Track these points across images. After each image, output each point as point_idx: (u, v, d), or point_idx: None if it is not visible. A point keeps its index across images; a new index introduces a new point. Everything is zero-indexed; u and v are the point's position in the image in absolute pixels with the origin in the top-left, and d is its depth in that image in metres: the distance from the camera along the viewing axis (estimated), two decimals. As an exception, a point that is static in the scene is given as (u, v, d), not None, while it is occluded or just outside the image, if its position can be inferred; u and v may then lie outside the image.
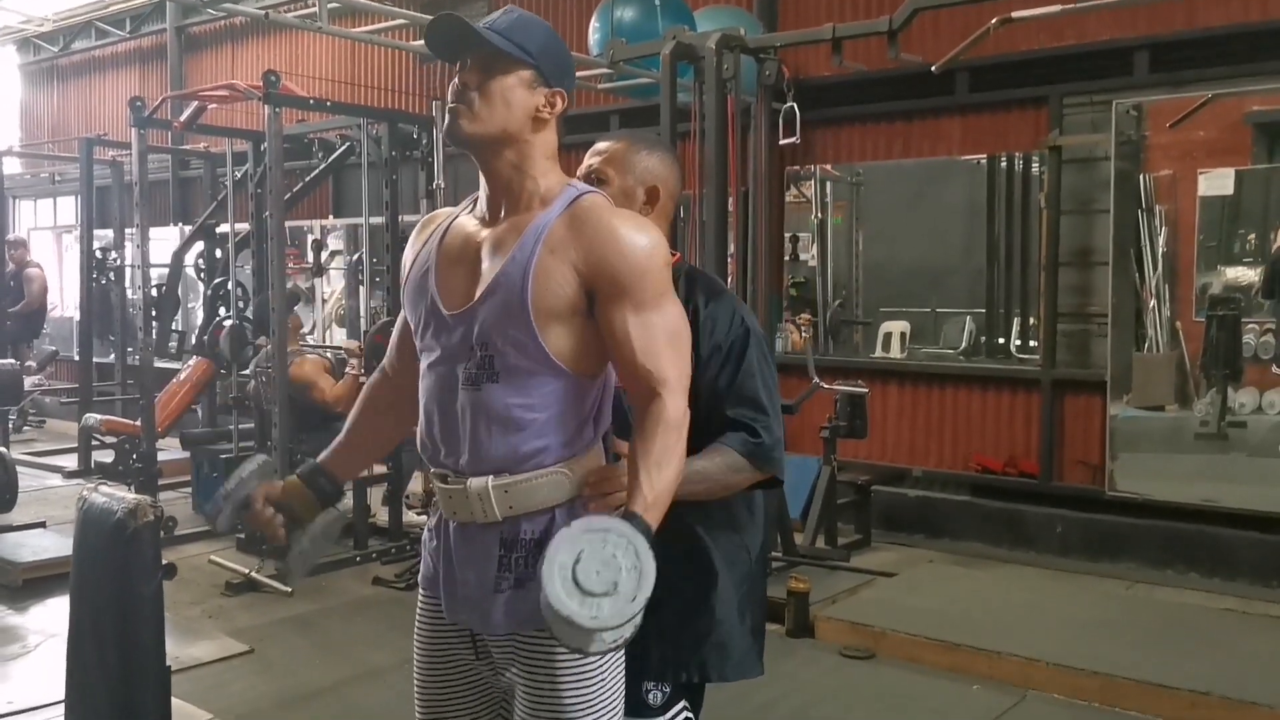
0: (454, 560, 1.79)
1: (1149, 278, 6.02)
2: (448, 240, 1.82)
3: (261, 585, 5.25)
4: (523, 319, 1.67)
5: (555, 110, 1.76)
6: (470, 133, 1.72)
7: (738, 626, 2.09)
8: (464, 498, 1.73)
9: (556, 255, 1.67)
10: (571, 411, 1.72)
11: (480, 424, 1.71)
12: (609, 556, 1.47)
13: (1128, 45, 5.77)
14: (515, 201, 1.74)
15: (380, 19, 7.06)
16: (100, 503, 2.25)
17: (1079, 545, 5.83)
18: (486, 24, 1.73)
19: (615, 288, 1.67)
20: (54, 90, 12.90)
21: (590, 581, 1.46)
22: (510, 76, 1.71)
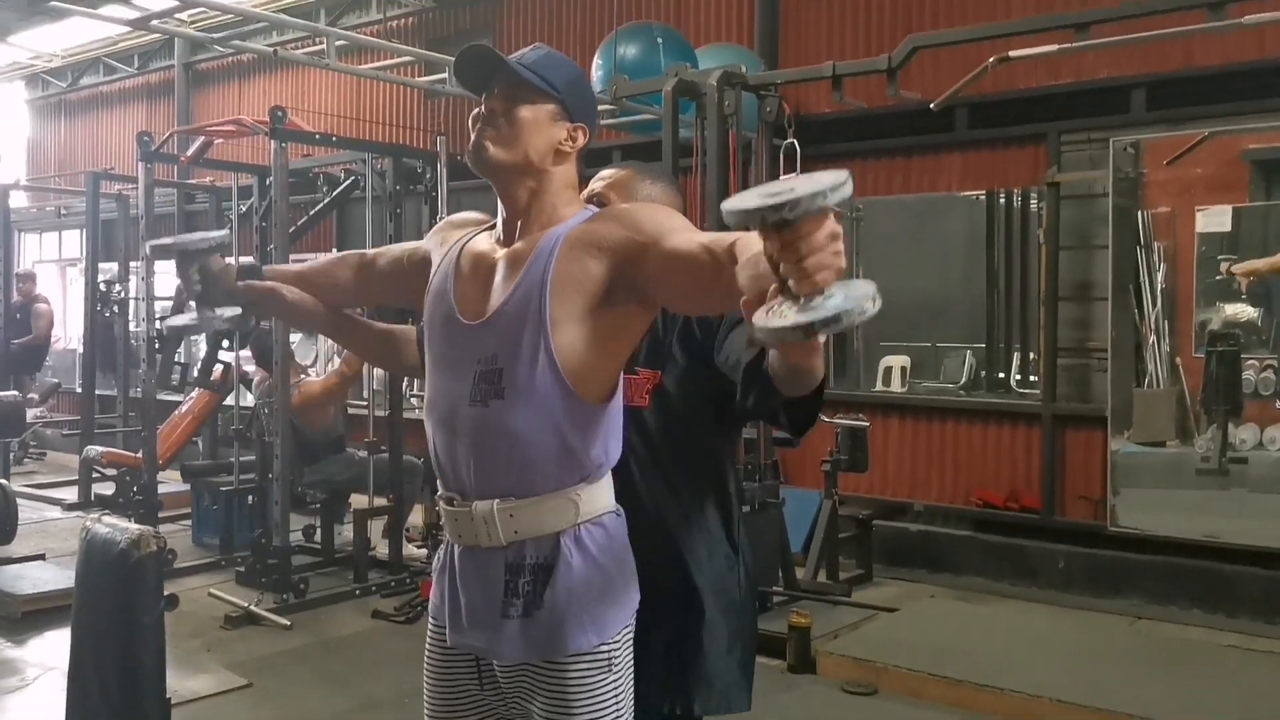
0: (458, 584, 1.79)
1: (1148, 313, 6.05)
2: (463, 257, 1.84)
3: (260, 619, 5.23)
4: (537, 328, 1.67)
5: (577, 145, 1.79)
6: (494, 159, 1.74)
7: (724, 658, 2.06)
8: (469, 520, 1.73)
9: (578, 248, 1.69)
10: (579, 436, 1.71)
11: (487, 444, 1.71)
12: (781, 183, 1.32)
13: (1125, 84, 5.84)
14: (531, 225, 1.77)
15: (386, 56, 7.16)
16: (103, 533, 2.26)
17: (1082, 580, 5.81)
18: (515, 58, 1.77)
19: (653, 236, 1.64)
20: (61, 125, 13.02)
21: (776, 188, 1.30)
22: (535, 108, 1.74)
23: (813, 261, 1.27)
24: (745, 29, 7.30)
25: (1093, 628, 5.25)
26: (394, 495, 6.08)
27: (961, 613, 5.44)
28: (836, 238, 1.29)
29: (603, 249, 1.67)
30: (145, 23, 5.59)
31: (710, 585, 2.05)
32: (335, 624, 5.31)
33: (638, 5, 7.66)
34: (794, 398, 1.63)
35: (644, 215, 1.71)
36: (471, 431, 1.72)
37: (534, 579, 1.71)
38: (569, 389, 1.68)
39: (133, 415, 9.12)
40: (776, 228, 1.28)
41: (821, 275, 1.28)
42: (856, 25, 6.87)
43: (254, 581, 5.63)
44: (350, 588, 5.75)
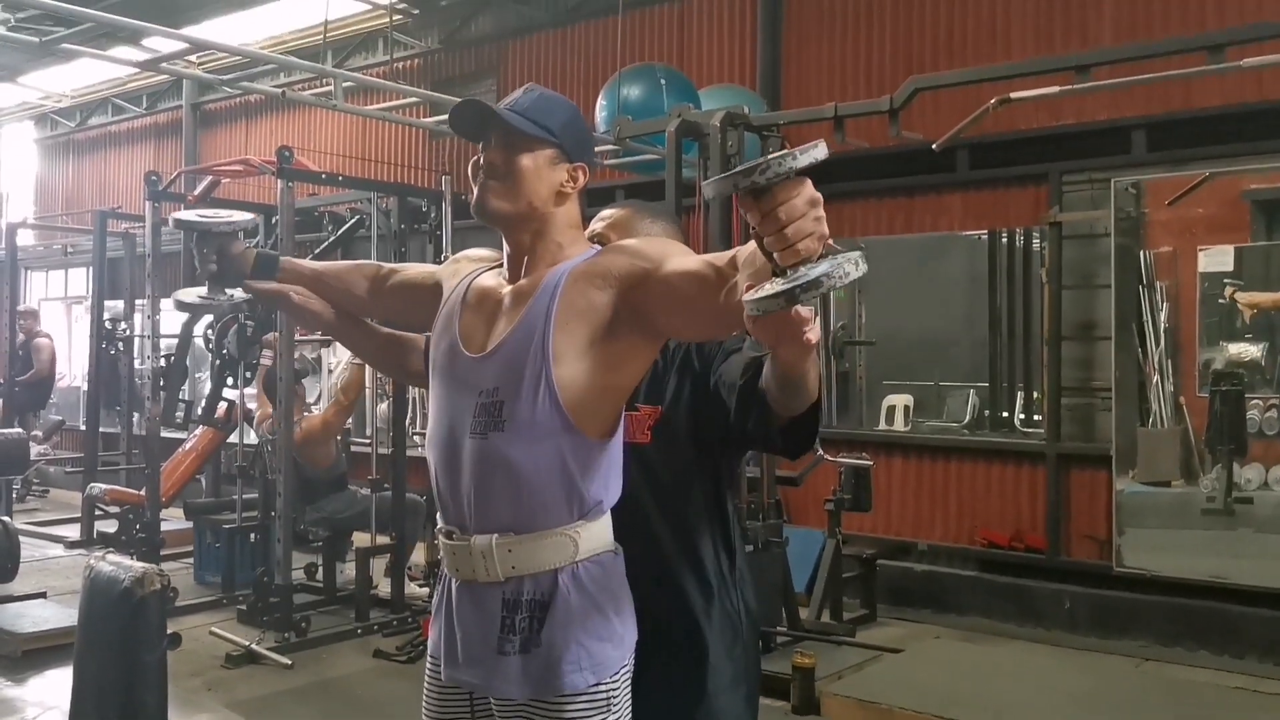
0: (455, 619, 1.79)
1: (1151, 352, 6.05)
2: (471, 292, 1.86)
3: (262, 657, 5.19)
4: (540, 361, 1.68)
5: (578, 185, 1.81)
6: (497, 209, 1.77)
7: (729, 695, 2.04)
8: (467, 554, 1.74)
9: (583, 280, 1.71)
10: (579, 473, 1.72)
11: (486, 478, 1.72)
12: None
13: (1126, 125, 5.88)
14: (538, 261, 1.79)
15: (392, 96, 7.23)
16: (107, 571, 2.25)
17: (1087, 621, 5.77)
18: (509, 104, 1.78)
19: (657, 262, 1.67)
20: (69, 164, 13.13)
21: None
22: (534, 155, 1.76)
23: (793, 229, 1.29)
24: (747, 70, 7.38)
25: (1099, 669, 5.20)
26: (396, 533, 6.06)
27: (967, 654, 5.40)
28: (816, 204, 1.30)
29: (607, 278, 1.69)
30: (155, 64, 5.67)
31: (714, 624, 2.04)
32: (337, 663, 5.28)
33: (641, 47, 7.75)
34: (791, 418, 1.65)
35: (647, 244, 1.75)
36: (471, 463, 1.73)
37: (531, 616, 1.71)
38: (570, 423, 1.69)
39: (136, 453, 9.11)
40: (754, 197, 1.29)
41: (804, 243, 1.29)
42: (857, 66, 6.94)
43: (256, 620, 5.60)
44: (352, 626, 5.72)
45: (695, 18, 7.71)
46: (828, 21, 7.08)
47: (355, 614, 5.85)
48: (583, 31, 8.26)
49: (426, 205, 6.80)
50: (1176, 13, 5.80)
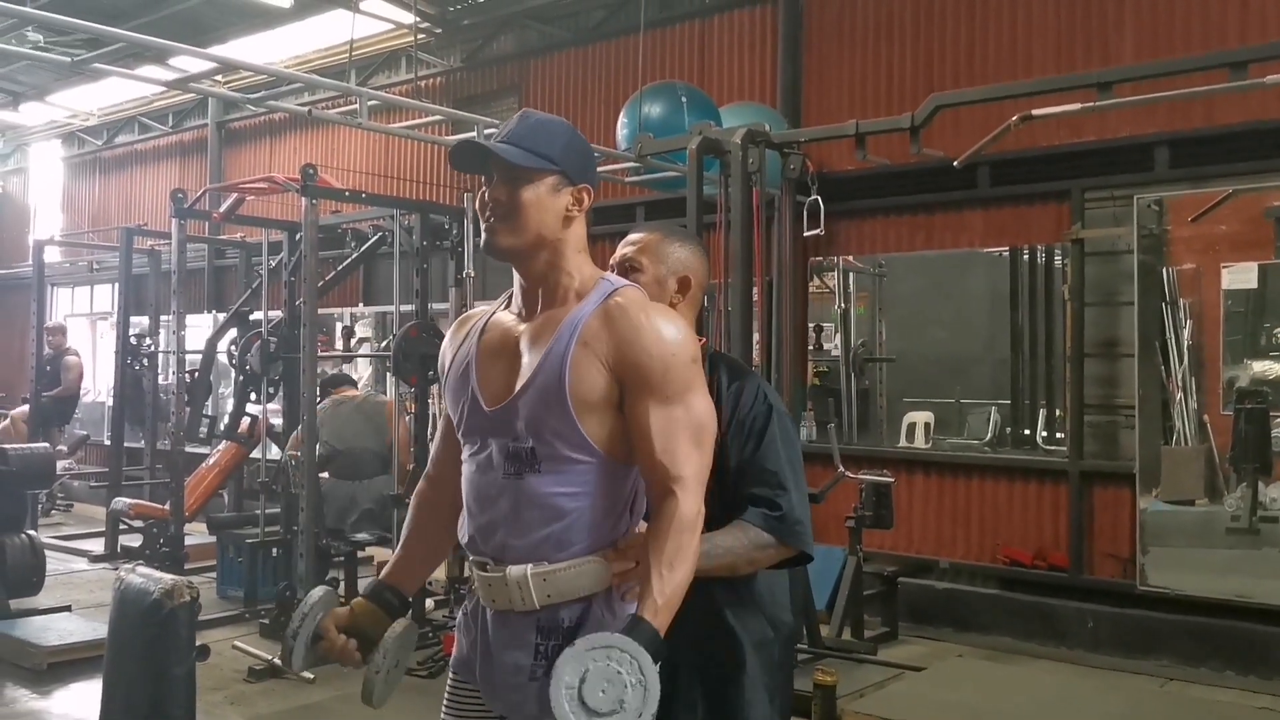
0: (491, 648, 1.80)
1: (1175, 370, 6.02)
2: (486, 336, 1.86)
3: (283, 672, 5.21)
4: (562, 409, 1.70)
5: (583, 206, 1.82)
6: (507, 246, 1.78)
7: (765, 709, 2.08)
8: (503, 585, 1.74)
9: (589, 349, 1.72)
10: (610, 498, 1.74)
11: (521, 512, 1.73)
12: (613, 674, 1.51)
13: (1148, 141, 5.87)
14: (551, 296, 1.79)
15: (415, 115, 7.29)
16: (137, 583, 2.28)
17: (1111, 640, 5.73)
18: (505, 136, 1.78)
19: (641, 381, 1.70)
20: (96, 181, 13.28)
21: (596, 700, 1.50)
22: (537, 185, 1.76)
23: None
24: (768, 87, 7.41)
25: (1122, 689, 5.16)
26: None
27: (989, 672, 5.36)
28: None
29: (606, 365, 1.72)
30: (183, 84, 5.74)
31: (752, 641, 2.06)
32: (358, 678, 5.25)
33: (662, 64, 7.79)
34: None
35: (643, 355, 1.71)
36: (506, 501, 1.75)
37: (564, 641, 1.72)
38: (600, 455, 1.72)
39: (160, 468, 9.19)
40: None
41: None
42: (878, 83, 6.96)
43: (278, 634, 5.62)
44: (373, 642, 5.72)
45: (716, 36, 7.75)
46: (848, 39, 7.10)
47: (376, 629, 5.85)
48: (604, 50, 8.31)
49: (448, 222, 6.84)
50: (1198, 30, 5.79)
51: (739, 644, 2.06)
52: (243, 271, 9.77)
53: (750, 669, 2.06)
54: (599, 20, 8.39)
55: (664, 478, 1.70)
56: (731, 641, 2.06)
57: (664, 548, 1.65)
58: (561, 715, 1.49)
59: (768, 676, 2.09)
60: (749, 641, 2.07)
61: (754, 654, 2.07)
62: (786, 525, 2.00)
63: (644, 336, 1.72)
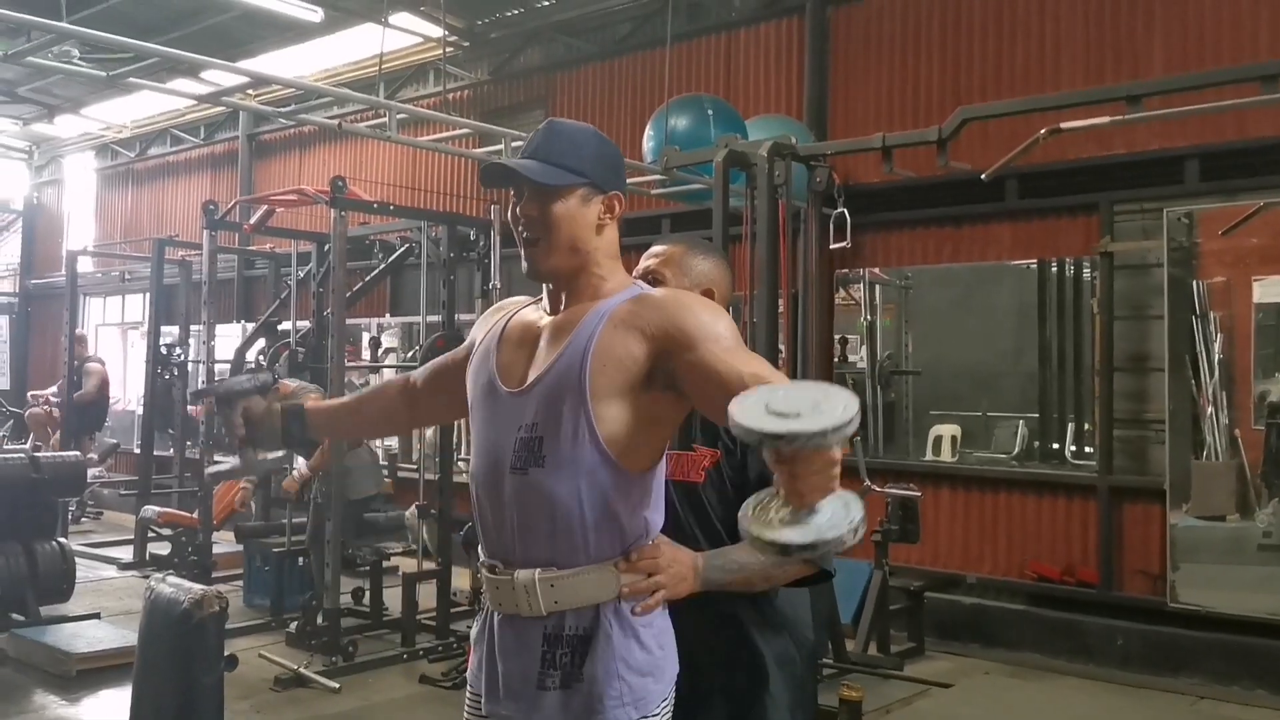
0: (496, 652, 1.79)
1: (1205, 384, 5.96)
2: (510, 326, 1.87)
3: (309, 681, 5.24)
4: (577, 398, 1.68)
5: (615, 214, 1.81)
6: (551, 268, 1.78)
7: None
8: (510, 589, 1.73)
9: (622, 328, 1.70)
10: (620, 506, 1.71)
11: (528, 512, 1.72)
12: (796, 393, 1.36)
13: (1178, 154, 5.83)
14: (579, 294, 1.79)
15: (443, 127, 7.35)
16: (167, 593, 2.30)
17: (1141, 658, 5.66)
18: (532, 150, 1.77)
19: (692, 338, 1.64)
20: (128, 193, 13.45)
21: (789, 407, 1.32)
22: (569, 200, 1.75)
23: (804, 484, 1.35)
24: (794, 100, 7.41)
25: (1153, 707, 5.10)
26: (441, 560, 6.10)
27: (1017, 690, 5.31)
28: (832, 464, 1.35)
29: (645, 335, 1.69)
30: (215, 97, 5.81)
31: (774, 656, 2.06)
32: (383, 688, 5.31)
33: (688, 77, 7.81)
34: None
35: (688, 314, 1.69)
36: (513, 498, 1.73)
37: (572, 650, 1.71)
38: (610, 458, 1.69)
39: (189, 476, 9.27)
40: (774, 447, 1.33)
41: (811, 496, 1.36)
42: (905, 96, 6.94)
43: (304, 643, 5.66)
44: (398, 651, 5.76)
45: (742, 49, 7.77)
46: (875, 52, 7.10)
47: (401, 639, 5.89)
48: (630, 63, 8.35)
49: (475, 234, 6.89)
50: (1229, 42, 5.75)
51: (762, 661, 2.05)
52: (272, 282, 9.87)
53: (774, 686, 2.05)
54: (625, 33, 8.43)
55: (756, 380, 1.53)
56: (754, 659, 2.05)
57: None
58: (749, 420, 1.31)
59: (791, 694, 2.08)
60: (772, 658, 2.06)
61: (777, 671, 2.06)
62: None
63: (687, 311, 1.69)
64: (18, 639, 5.59)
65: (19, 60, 5.08)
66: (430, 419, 2.14)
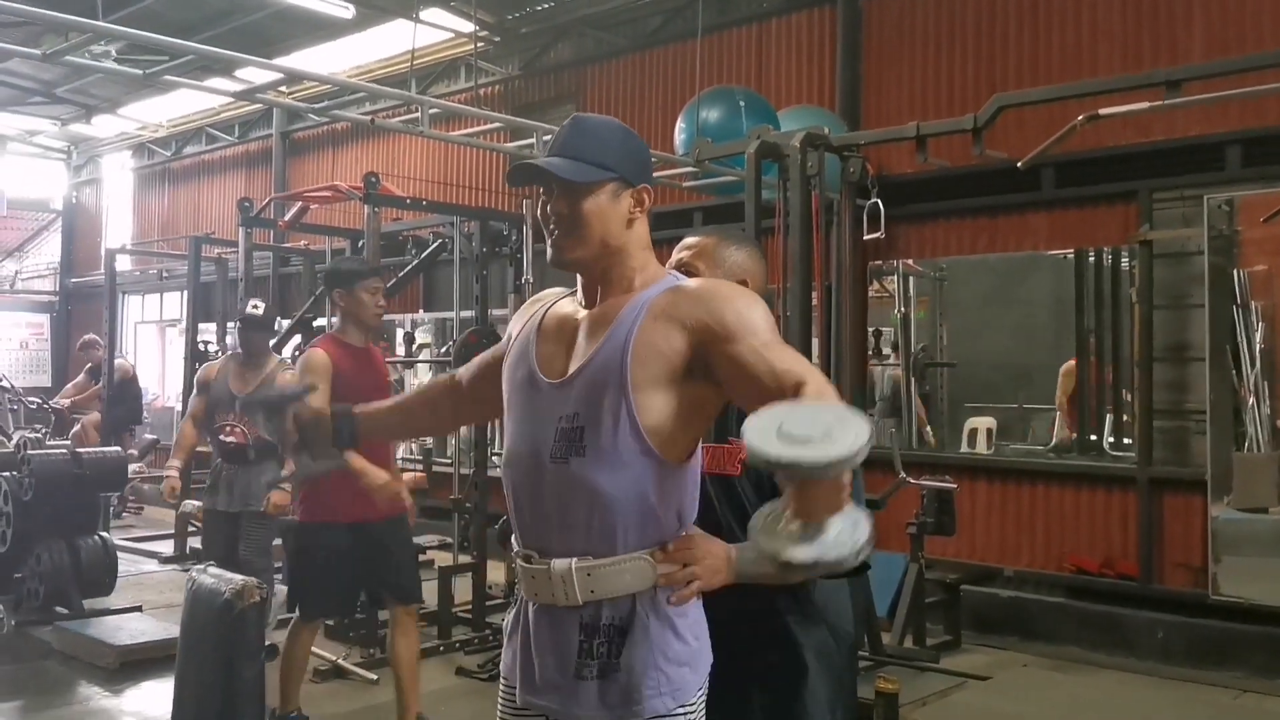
0: (532, 643, 1.79)
1: (1247, 375, 5.87)
2: (547, 319, 1.87)
3: (348, 673, 5.29)
4: (619, 388, 1.68)
5: (645, 207, 1.81)
6: (576, 259, 1.78)
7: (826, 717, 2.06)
8: (546, 579, 1.73)
9: (662, 319, 1.70)
10: (658, 496, 1.72)
11: (566, 502, 1.72)
12: (811, 416, 1.38)
13: (1219, 140, 5.74)
14: (613, 286, 1.79)
15: (475, 122, 7.37)
16: (208, 584, 2.33)
17: (1182, 651, 5.59)
18: (559, 147, 1.77)
19: (730, 331, 1.66)
20: (165, 191, 13.61)
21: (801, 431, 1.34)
22: (598, 195, 1.75)
23: (813, 504, 1.40)
24: (827, 91, 7.37)
25: (1195, 701, 5.03)
26: (477, 553, 6.13)
27: (1056, 683, 5.26)
28: (840, 488, 1.40)
29: (685, 327, 1.69)
30: (250, 94, 5.85)
31: (813, 648, 2.05)
32: (420, 680, 5.32)
33: (719, 69, 7.79)
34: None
35: (726, 306, 1.69)
36: (552, 488, 1.73)
37: (609, 641, 1.71)
38: (650, 449, 1.69)
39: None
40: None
41: (818, 515, 1.41)
42: (939, 85, 6.88)
43: (342, 636, 5.70)
44: (434, 644, 5.79)
45: (774, 40, 7.73)
46: (908, 40, 7.04)
47: (438, 632, 5.92)
48: (661, 56, 8.33)
49: (508, 229, 6.91)
50: (1270, 26, 5.65)
51: (800, 653, 2.04)
52: (307, 279, 9.93)
53: (812, 679, 2.04)
54: (656, 26, 8.41)
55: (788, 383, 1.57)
56: (793, 651, 2.04)
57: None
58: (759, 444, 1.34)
59: (829, 686, 2.07)
60: (811, 650, 2.05)
61: (816, 663, 2.05)
62: None
63: (727, 302, 1.69)
64: (62, 632, 5.68)
65: (57, 59, 5.14)
66: (476, 416, 2.16)
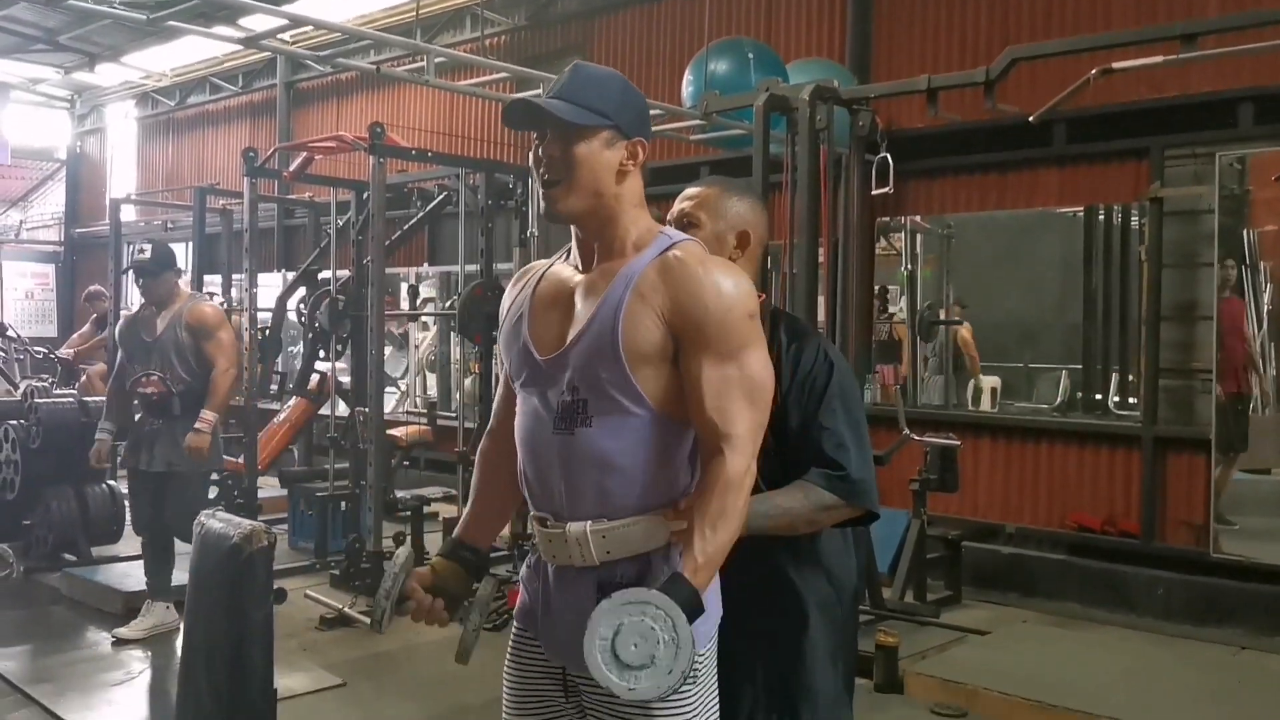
0: (551, 603, 1.82)
1: (1254, 335, 5.85)
2: (541, 287, 1.86)
3: (353, 621, 5.34)
4: (615, 361, 1.69)
5: (638, 161, 1.79)
6: (568, 210, 1.76)
7: (829, 672, 2.07)
8: (563, 542, 1.75)
9: (645, 302, 1.70)
10: (666, 456, 1.73)
11: (575, 470, 1.73)
12: (647, 629, 1.53)
13: (1232, 97, 5.67)
14: (608, 249, 1.78)
15: (481, 73, 7.30)
16: (217, 528, 2.34)
17: (1182, 608, 5.63)
18: (557, 90, 1.75)
19: (698, 336, 1.68)
20: (169, 142, 13.54)
21: (628, 655, 1.53)
22: (591, 141, 1.73)
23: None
24: (836, 43, 7.28)
25: (1195, 658, 5.07)
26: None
27: (1056, 638, 5.30)
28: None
29: (662, 317, 1.70)
30: (255, 42, 5.78)
31: (816, 602, 2.05)
32: (424, 630, 5.31)
33: (728, 21, 7.69)
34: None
35: (700, 308, 1.68)
36: (560, 458, 1.74)
37: None
38: (654, 412, 1.70)
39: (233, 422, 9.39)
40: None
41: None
42: (950, 37, 6.79)
43: (348, 585, 5.77)
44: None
45: (783, -9, 7.63)
46: (920, -8, 6.94)
47: (442, 582, 5.96)
48: (669, 7, 8.23)
49: (513, 181, 6.86)
50: (1289, -21, 5.56)
51: (803, 604, 2.05)
52: (311, 231, 9.91)
53: (814, 631, 2.05)
54: (665, -23, 8.30)
55: (714, 435, 1.68)
56: (795, 602, 2.05)
57: (709, 507, 1.64)
58: (594, 665, 1.54)
59: (832, 638, 2.08)
60: (813, 602, 2.06)
61: (818, 614, 2.06)
62: (850, 485, 1.97)
63: (702, 290, 1.69)
64: (71, 578, 5.74)
65: (60, 4, 5.08)
66: None
